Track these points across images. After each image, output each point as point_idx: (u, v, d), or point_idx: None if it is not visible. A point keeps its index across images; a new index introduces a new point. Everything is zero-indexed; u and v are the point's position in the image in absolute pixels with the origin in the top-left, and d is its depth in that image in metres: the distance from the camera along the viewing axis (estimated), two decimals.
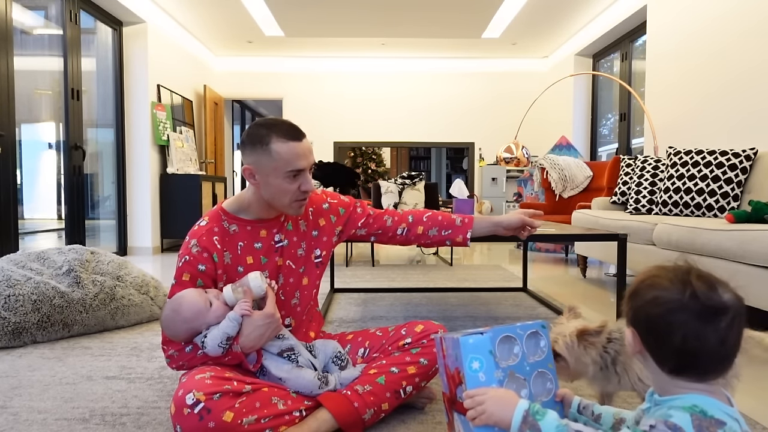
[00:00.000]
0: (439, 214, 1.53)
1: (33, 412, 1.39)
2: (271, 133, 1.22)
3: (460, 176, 9.98)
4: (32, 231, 4.21)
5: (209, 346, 1.14)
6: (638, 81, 4.98)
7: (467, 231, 1.50)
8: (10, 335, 1.96)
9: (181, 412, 1.03)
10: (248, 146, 1.25)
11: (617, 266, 1.91)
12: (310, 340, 1.43)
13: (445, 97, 7.14)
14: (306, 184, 1.26)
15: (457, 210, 2.42)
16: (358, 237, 1.53)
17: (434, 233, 1.51)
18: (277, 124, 1.24)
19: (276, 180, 1.23)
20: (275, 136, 1.21)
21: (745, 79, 3.15)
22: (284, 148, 1.21)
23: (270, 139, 1.21)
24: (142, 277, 2.46)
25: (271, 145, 1.21)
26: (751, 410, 1.41)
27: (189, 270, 1.24)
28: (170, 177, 5.12)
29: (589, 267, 4.06)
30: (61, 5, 4.01)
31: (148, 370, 1.72)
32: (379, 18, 5.48)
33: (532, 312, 2.56)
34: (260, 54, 6.91)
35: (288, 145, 1.21)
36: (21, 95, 3.48)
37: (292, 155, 1.22)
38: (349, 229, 1.50)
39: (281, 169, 1.22)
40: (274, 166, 1.22)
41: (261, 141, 1.22)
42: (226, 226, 1.31)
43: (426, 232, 1.52)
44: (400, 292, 3.09)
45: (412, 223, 1.52)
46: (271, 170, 1.22)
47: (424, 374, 1.31)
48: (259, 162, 1.23)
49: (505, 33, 5.96)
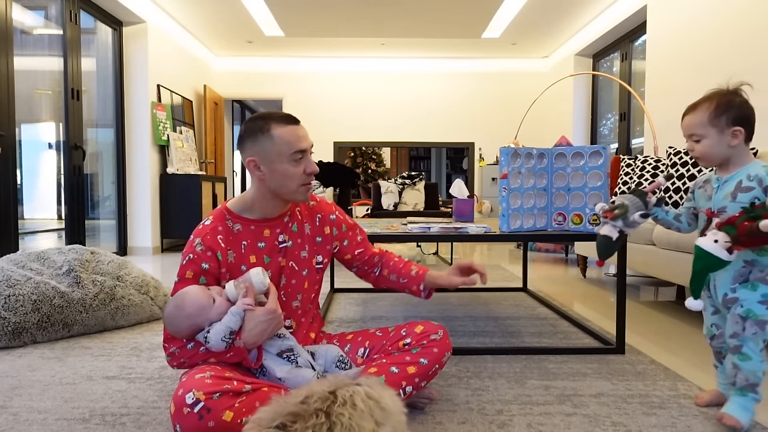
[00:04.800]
0: (402, 262, 1.54)
1: (33, 412, 1.39)
2: (270, 121, 1.27)
3: (460, 176, 9.98)
4: (32, 231, 4.21)
5: (212, 340, 1.15)
6: (638, 81, 4.98)
7: (420, 282, 1.47)
8: (10, 335, 1.96)
9: (180, 411, 1.03)
10: (249, 138, 1.27)
11: (617, 266, 1.91)
12: (311, 342, 1.43)
13: (445, 97, 7.14)
14: (310, 166, 1.30)
15: (457, 210, 2.42)
16: (344, 262, 1.54)
17: (393, 279, 1.52)
18: (271, 114, 1.29)
19: (281, 165, 1.26)
20: (274, 123, 1.26)
21: (745, 79, 3.15)
22: (285, 131, 1.26)
23: (269, 126, 1.26)
24: (142, 277, 2.46)
25: (272, 131, 1.25)
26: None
27: (193, 268, 1.25)
28: (170, 177, 5.12)
29: (589, 267, 4.06)
30: (61, 5, 4.01)
31: (148, 370, 1.72)
32: (379, 18, 5.48)
33: (532, 312, 2.56)
34: (260, 54, 6.91)
35: (287, 128, 1.26)
36: (21, 95, 3.48)
37: (294, 137, 1.26)
38: (344, 252, 1.51)
39: (285, 153, 1.25)
40: (278, 151, 1.25)
41: (261, 130, 1.26)
42: (231, 225, 1.32)
43: (388, 276, 1.53)
44: (400, 292, 3.09)
45: (382, 266, 1.56)
46: (276, 155, 1.26)
47: (424, 374, 1.31)
48: (263, 150, 1.26)
49: (505, 33, 5.96)
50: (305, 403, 0.83)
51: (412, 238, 1.96)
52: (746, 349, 1.23)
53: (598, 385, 1.58)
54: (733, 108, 1.26)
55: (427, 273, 1.48)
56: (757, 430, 1.28)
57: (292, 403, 0.82)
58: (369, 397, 0.86)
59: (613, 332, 2.16)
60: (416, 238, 1.96)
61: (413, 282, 1.49)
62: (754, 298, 1.23)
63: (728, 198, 1.26)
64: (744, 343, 1.23)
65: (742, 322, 1.23)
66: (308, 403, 0.83)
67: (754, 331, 1.22)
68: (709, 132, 1.27)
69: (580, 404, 1.44)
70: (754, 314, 1.22)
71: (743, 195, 1.24)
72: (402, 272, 1.51)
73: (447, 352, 1.36)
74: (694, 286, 1.22)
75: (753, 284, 1.24)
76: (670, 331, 2.24)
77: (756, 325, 1.22)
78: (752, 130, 1.29)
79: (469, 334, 2.17)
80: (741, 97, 1.29)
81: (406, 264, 1.53)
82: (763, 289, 1.22)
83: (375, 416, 0.84)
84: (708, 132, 1.27)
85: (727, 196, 1.27)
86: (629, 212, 1.34)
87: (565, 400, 1.46)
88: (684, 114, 1.34)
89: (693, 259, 1.21)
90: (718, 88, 1.31)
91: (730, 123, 1.26)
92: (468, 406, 1.42)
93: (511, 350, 1.90)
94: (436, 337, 1.36)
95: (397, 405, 0.90)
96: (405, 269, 1.51)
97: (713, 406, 1.40)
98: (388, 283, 1.54)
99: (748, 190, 1.23)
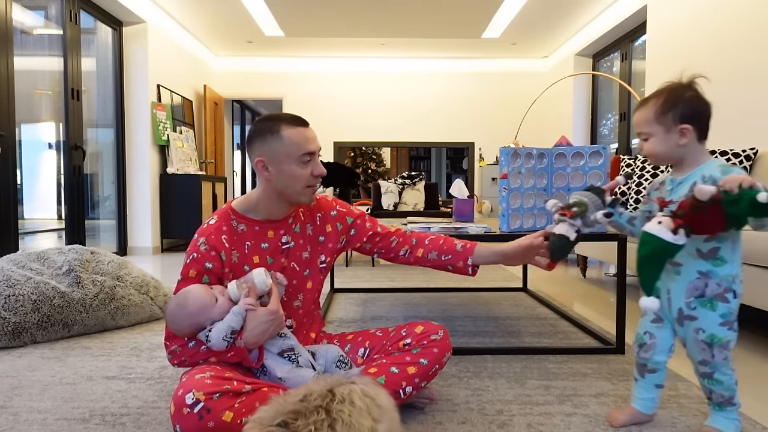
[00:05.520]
0: (441, 238, 1.46)
1: (33, 412, 1.39)
2: (280, 122, 1.27)
3: (460, 176, 9.99)
4: (32, 231, 4.21)
5: (213, 340, 1.15)
6: (638, 81, 4.98)
7: (467, 257, 1.40)
8: (10, 335, 1.96)
9: (180, 411, 1.03)
10: (258, 139, 1.28)
11: (617, 266, 1.91)
12: (311, 342, 1.43)
13: (445, 97, 7.13)
14: (318, 168, 1.30)
15: (457, 210, 2.42)
16: (363, 250, 1.50)
17: (434, 257, 1.44)
18: (281, 115, 1.29)
19: (290, 166, 1.26)
20: (284, 124, 1.27)
21: (745, 78, 3.15)
22: (294, 132, 1.26)
23: (279, 127, 1.26)
24: (142, 277, 2.46)
25: (282, 132, 1.26)
26: (751, 410, 1.41)
27: (196, 267, 1.25)
28: (170, 177, 5.11)
29: (589, 267, 4.06)
30: (61, 5, 4.01)
31: (148, 370, 1.72)
32: (379, 18, 5.48)
33: (532, 312, 2.56)
34: (260, 54, 6.91)
35: (297, 129, 1.27)
36: (21, 95, 3.48)
37: (303, 139, 1.27)
38: (355, 241, 1.49)
39: (294, 154, 1.26)
40: (287, 152, 1.26)
41: (271, 130, 1.26)
42: (235, 225, 1.32)
43: (426, 255, 1.45)
44: (400, 292, 3.09)
45: (415, 245, 1.47)
46: (285, 156, 1.26)
47: (424, 374, 1.31)
48: (272, 150, 1.26)
49: (505, 33, 5.96)
50: (305, 401, 0.83)
51: None
52: (718, 374, 1.15)
53: (598, 385, 1.58)
54: (682, 104, 1.15)
55: (476, 247, 1.41)
56: (757, 430, 1.28)
57: (291, 402, 0.83)
58: (366, 395, 0.87)
59: (613, 332, 2.16)
60: None
61: (459, 257, 1.41)
62: (714, 321, 1.13)
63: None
64: (716, 370, 1.15)
65: (710, 350, 1.14)
66: (308, 401, 0.83)
67: (724, 357, 1.14)
68: (656, 130, 1.18)
69: (580, 404, 1.44)
70: (719, 339, 1.13)
71: None
72: (444, 249, 1.43)
73: (447, 352, 1.36)
74: (644, 278, 1.06)
75: (712, 302, 1.13)
76: None
77: (723, 348, 1.14)
78: (705, 127, 1.18)
79: (469, 334, 2.17)
80: (693, 91, 1.17)
81: (447, 240, 1.45)
82: (721, 309, 1.13)
83: (372, 413, 0.85)
84: (654, 130, 1.18)
85: (681, 198, 1.16)
86: (589, 210, 1.24)
87: (565, 400, 1.46)
88: (635, 108, 1.24)
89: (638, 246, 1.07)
90: (671, 82, 1.20)
91: (678, 120, 1.15)
92: (468, 406, 1.42)
93: (511, 350, 1.90)
94: (436, 337, 1.36)
95: (391, 403, 0.92)
96: (447, 245, 1.43)
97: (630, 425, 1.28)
98: (428, 263, 1.45)
99: None
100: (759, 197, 0.95)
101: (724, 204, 0.99)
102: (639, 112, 1.21)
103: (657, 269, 1.05)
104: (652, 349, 1.24)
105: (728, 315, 1.14)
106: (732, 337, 1.14)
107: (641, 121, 1.21)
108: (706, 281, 1.14)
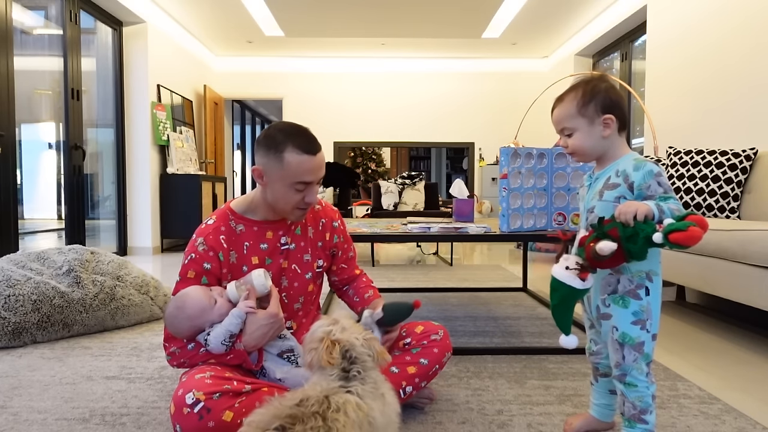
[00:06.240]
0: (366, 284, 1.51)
1: (33, 412, 1.39)
2: (288, 141, 1.21)
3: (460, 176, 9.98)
4: (32, 231, 4.21)
5: (212, 343, 1.15)
6: (638, 81, 4.98)
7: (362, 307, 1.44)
8: (10, 335, 1.96)
9: (180, 411, 1.03)
10: (263, 148, 1.24)
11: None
12: None
13: (445, 97, 7.14)
14: (310, 197, 1.26)
15: (457, 210, 2.42)
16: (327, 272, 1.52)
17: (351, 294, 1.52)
18: (295, 134, 1.23)
19: (282, 188, 1.24)
20: (291, 146, 1.20)
21: (745, 78, 3.15)
22: (296, 160, 1.20)
23: (285, 147, 1.20)
24: (142, 277, 2.46)
25: (284, 153, 1.20)
26: (751, 410, 1.41)
27: (194, 267, 1.25)
28: (170, 177, 5.12)
29: None
30: (61, 5, 4.01)
31: (148, 370, 1.72)
32: (379, 18, 5.48)
33: (532, 312, 2.56)
34: (260, 54, 6.91)
35: (301, 158, 1.21)
36: (21, 95, 3.48)
37: (302, 169, 1.21)
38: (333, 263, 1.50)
39: (288, 180, 1.22)
40: (282, 175, 1.22)
41: (276, 147, 1.21)
42: (233, 225, 1.31)
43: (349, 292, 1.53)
44: (400, 292, 3.09)
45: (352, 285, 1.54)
46: (279, 178, 1.23)
47: (424, 374, 1.31)
48: (270, 166, 1.23)
49: (505, 33, 5.96)
50: (302, 406, 0.83)
51: (412, 238, 1.96)
52: (630, 378, 1.08)
53: None
54: (600, 94, 1.13)
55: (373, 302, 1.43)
56: (758, 430, 1.28)
57: (288, 406, 0.83)
58: (360, 408, 0.87)
59: None
60: (416, 238, 1.97)
61: (359, 305, 1.47)
62: (626, 318, 1.08)
63: (596, 197, 1.14)
64: (627, 372, 1.09)
65: (621, 350, 1.09)
66: (305, 406, 0.83)
67: (634, 358, 1.08)
68: (579, 123, 1.14)
69: (580, 404, 1.44)
70: (630, 338, 1.07)
71: (609, 192, 1.11)
72: (358, 292, 1.50)
73: (447, 352, 1.36)
74: (559, 321, 1.04)
75: (624, 299, 1.08)
76: (670, 331, 2.24)
77: (634, 350, 1.07)
78: (624, 118, 1.17)
79: (469, 334, 2.17)
80: (607, 82, 1.15)
81: (367, 287, 1.51)
82: (633, 306, 1.07)
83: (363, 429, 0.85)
84: (578, 124, 1.14)
85: (595, 194, 1.14)
86: None
87: (565, 400, 1.46)
88: (552, 107, 1.20)
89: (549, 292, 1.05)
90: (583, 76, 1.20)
91: (600, 111, 1.13)
92: (468, 406, 1.42)
93: (511, 350, 1.90)
94: (436, 337, 1.36)
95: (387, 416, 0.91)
96: (363, 291, 1.50)
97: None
98: (347, 299, 1.54)
99: (614, 187, 1.11)
100: (654, 238, 0.94)
101: (622, 240, 0.97)
102: (559, 109, 1.18)
103: (570, 311, 1.03)
104: (600, 354, 1.22)
105: (640, 313, 1.08)
106: (645, 339, 1.08)
107: (562, 116, 1.17)
108: (618, 277, 1.09)
